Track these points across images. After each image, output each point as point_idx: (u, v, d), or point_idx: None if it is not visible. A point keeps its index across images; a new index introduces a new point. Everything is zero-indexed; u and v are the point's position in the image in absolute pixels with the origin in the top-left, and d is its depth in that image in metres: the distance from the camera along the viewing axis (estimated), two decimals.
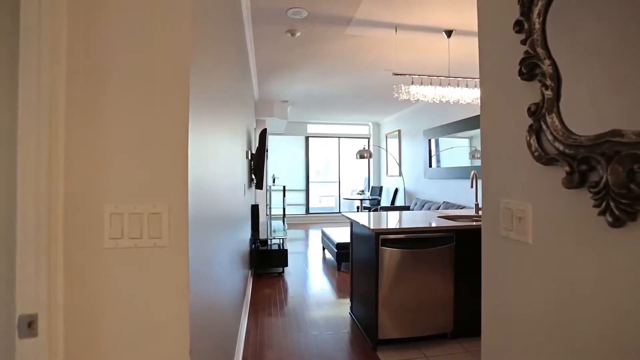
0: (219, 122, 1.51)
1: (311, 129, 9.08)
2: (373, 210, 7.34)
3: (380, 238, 2.31)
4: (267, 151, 8.00)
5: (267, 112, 6.49)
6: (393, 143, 8.12)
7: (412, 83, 3.04)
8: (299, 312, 3.08)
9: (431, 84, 3.06)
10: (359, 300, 2.79)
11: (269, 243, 4.65)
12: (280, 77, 4.94)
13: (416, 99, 3.03)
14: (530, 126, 0.83)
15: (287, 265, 4.18)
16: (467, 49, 3.68)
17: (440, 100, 3.09)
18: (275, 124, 7.33)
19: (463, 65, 4.05)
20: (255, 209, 4.57)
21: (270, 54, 3.99)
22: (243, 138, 3.18)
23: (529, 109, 0.83)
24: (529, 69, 0.83)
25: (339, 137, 9.23)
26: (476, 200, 3.07)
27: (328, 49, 3.78)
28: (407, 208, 6.56)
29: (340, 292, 3.66)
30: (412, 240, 2.35)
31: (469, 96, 3.16)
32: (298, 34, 3.20)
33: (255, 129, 6.22)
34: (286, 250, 4.18)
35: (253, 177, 4.16)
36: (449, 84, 3.12)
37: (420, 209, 6.00)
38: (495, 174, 1.01)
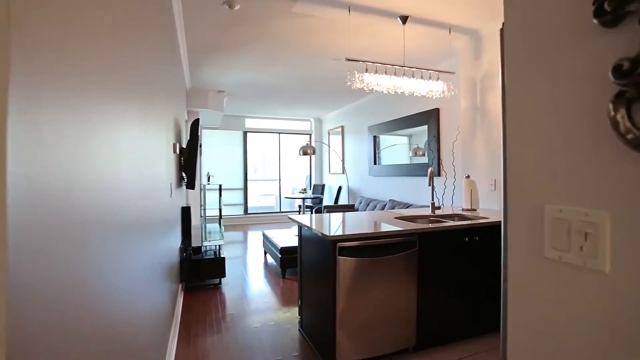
0: (125, 108, 1.04)
1: (250, 123, 8.51)
2: (316, 210, 7.07)
3: (337, 246, 1.98)
4: (200, 146, 7.28)
5: (201, 103, 5.82)
6: (336, 140, 7.93)
7: (367, 71, 2.77)
8: (240, 333, 2.63)
9: (386, 73, 2.82)
10: (311, 315, 2.44)
11: (204, 250, 4.08)
12: (215, 62, 4.37)
13: (371, 88, 2.77)
14: (619, 94, 0.54)
15: (224, 276, 3.68)
16: (422, 40, 3.54)
17: (395, 92, 2.88)
18: (210, 117, 6.66)
19: (418, 56, 3.92)
20: (186, 211, 3.97)
21: (203, 33, 3.44)
22: (169, 130, 2.63)
23: (617, 67, 0.54)
24: (616, 4, 0.54)
25: (279, 133, 8.80)
26: (432, 199, 2.91)
27: (271, 29, 3.36)
28: (351, 207, 6.39)
29: (286, 302, 3.28)
30: (373, 247, 2.07)
31: (425, 88, 2.99)
32: (237, 7, 2.74)
33: (186, 121, 5.52)
34: (223, 258, 3.67)
35: (184, 175, 3.58)
36: (404, 74, 2.92)
37: (366, 208, 5.86)
38: (533, 170, 0.71)
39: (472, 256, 2.43)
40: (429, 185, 2.78)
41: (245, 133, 8.48)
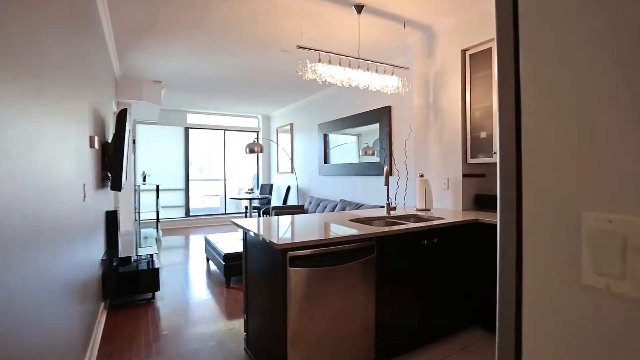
0: None
1: (192, 119, 7.90)
2: (264, 211, 6.73)
3: (288, 256, 1.73)
4: (134, 142, 6.56)
5: (134, 94, 5.20)
6: (285, 138, 7.65)
7: (320, 61, 2.55)
8: (175, 358, 2.26)
9: (340, 65, 2.62)
10: (258, 332, 2.15)
11: (135, 260, 3.58)
12: (148, 47, 3.87)
13: (324, 79, 2.56)
14: None
15: (158, 289, 3.23)
16: (377, 33, 3.40)
17: (349, 85, 2.69)
18: (146, 110, 6.01)
19: (373, 50, 3.78)
20: (112, 217, 3.44)
21: (131, 9, 2.97)
22: (84, 122, 2.18)
23: None
24: None
25: (224, 130, 8.29)
26: (387, 199, 2.77)
27: (212, 12, 3.00)
28: (301, 207, 6.17)
29: (231, 315, 2.95)
30: (328, 255, 1.84)
31: (379, 82, 2.85)
32: None
33: (115, 113, 4.88)
34: (156, 269, 3.22)
35: (109, 174, 3.08)
36: (358, 67, 2.75)
37: (316, 209, 5.67)
38: (564, 164, 0.52)
39: (431, 259, 2.32)
40: (385, 184, 2.64)
41: (186, 129, 7.85)
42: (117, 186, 2.90)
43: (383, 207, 4.21)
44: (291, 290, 1.75)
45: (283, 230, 2.08)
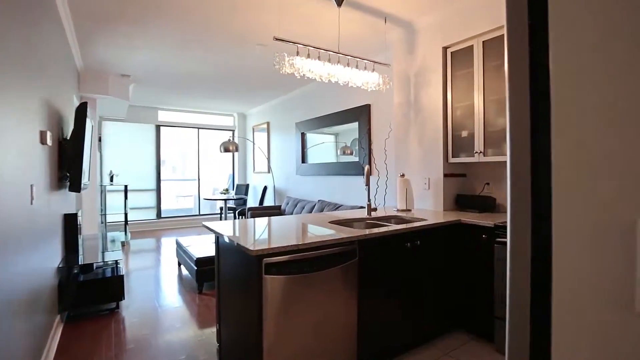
0: None
1: (164, 116, 7.56)
2: (240, 212, 6.52)
3: (264, 263, 1.58)
4: (100, 140, 6.18)
5: (99, 88, 4.86)
6: (261, 137, 7.45)
7: (298, 54, 2.41)
8: None
9: (319, 59, 2.50)
10: (232, 343, 1.99)
11: (100, 266, 3.32)
12: (115, 38, 3.60)
13: (302, 74, 2.42)
14: None
15: (123, 298, 2.99)
16: (358, 28, 3.30)
17: (329, 80, 2.57)
18: (112, 106, 5.66)
19: (354, 46, 3.68)
20: (71, 220, 3.16)
21: None
22: (31, 115, 1.95)
23: None
24: None
25: (198, 128, 7.99)
26: (368, 200, 2.67)
27: (187, 2, 2.80)
28: (277, 208, 6.00)
29: (203, 324, 2.76)
30: (308, 261, 1.71)
31: (360, 79, 2.74)
32: None
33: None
34: (121, 276, 2.98)
35: (67, 173, 2.81)
36: (338, 62, 2.63)
37: (293, 209, 5.52)
38: (614, 166, 0.42)
39: (415, 262, 2.23)
40: (366, 184, 2.53)
41: (158, 127, 7.50)
42: (76, 187, 2.65)
43: (363, 207, 4.12)
44: (267, 300, 1.60)
45: (258, 233, 1.93)
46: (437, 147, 3.00)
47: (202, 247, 3.81)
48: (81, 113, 2.69)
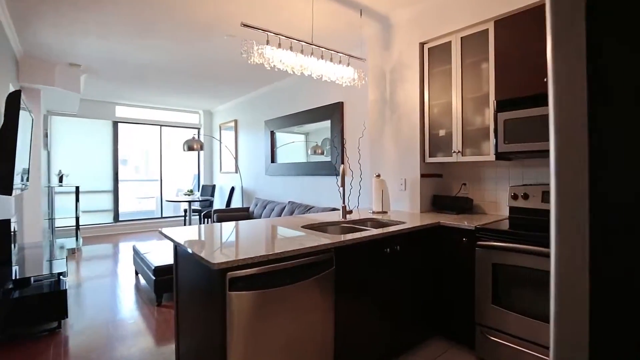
0: None
1: (122, 112, 7.02)
2: (205, 215, 6.17)
3: (228, 278, 1.36)
4: (46, 136, 5.59)
5: (44, 78, 4.37)
6: (229, 135, 7.11)
7: (268, 43, 2.19)
8: None
9: (291, 49, 2.29)
10: None
11: (42, 279, 2.91)
12: (58, 19, 3.19)
13: (272, 64, 2.20)
14: None
15: (65, 316, 2.62)
16: (332, 21, 3.12)
17: (302, 72, 2.37)
18: (61, 99, 5.13)
19: (328, 40, 3.49)
20: (4, 227, 2.75)
21: None
22: None
23: None
24: None
25: (160, 125, 7.50)
26: (343, 202, 2.50)
27: None
28: (246, 210, 5.72)
29: (161, 340, 2.47)
30: (279, 273, 1.50)
31: (334, 72, 2.56)
32: None
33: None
34: (63, 291, 2.61)
35: None
36: (312, 54, 2.44)
37: (262, 211, 5.27)
38: None
39: (394, 268, 2.08)
40: (341, 185, 2.36)
41: (115, 123, 6.95)
42: (6, 188, 2.27)
43: (336, 209, 3.95)
44: (233, 320, 1.38)
45: (223, 241, 1.69)
46: (413, 146, 2.89)
47: (162, 253, 3.48)
48: (13, 103, 2.32)
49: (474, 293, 2.20)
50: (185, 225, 6.84)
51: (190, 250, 1.49)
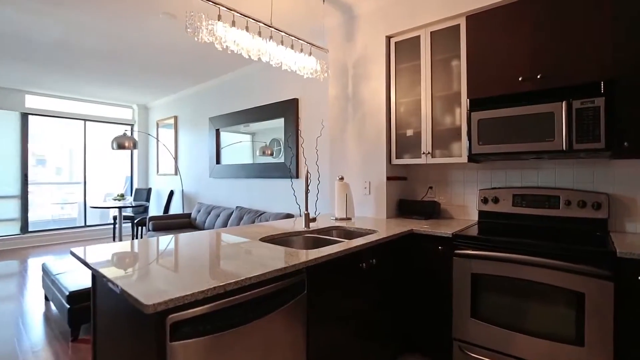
0: None
1: (34, 102, 5.96)
2: (139, 222, 5.45)
3: (169, 323, 0.97)
4: None
5: None
6: (167, 133, 6.41)
7: (220, 19, 1.81)
8: None
9: (248, 30, 1.92)
10: None
11: None
12: None
13: (224, 45, 1.82)
14: None
15: None
16: (293, 5, 2.78)
17: (259, 58, 2.01)
18: None
19: (286, 29, 3.13)
20: None
21: None
22: None
23: None
24: None
25: (85, 120, 6.53)
26: (306, 209, 2.18)
27: None
28: (187, 216, 5.14)
29: None
30: (238, 309, 1.14)
31: (296, 61, 2.24)
32: None
33: None
34: None
35: None
36: (271, 37, 2.09)
37: (206, 218, 4.75)
38: None
39: (370, 285, 1.82)
40: (306, 190, 2.04)
41: (25, 115, 5.88)
42: None
43: (291, 215, 3.63)
44: None
45: (160, 264, 1.28)
46: (379, 146, 2.67)
47: (81, 274, 2.86)
48: None
49: (451, 306, 2.02)
50: (114, 235, 6.00)
51: (118, 289, 1.07)
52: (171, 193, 6.02)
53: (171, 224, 4.90)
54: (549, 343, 1.70)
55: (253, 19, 1.98)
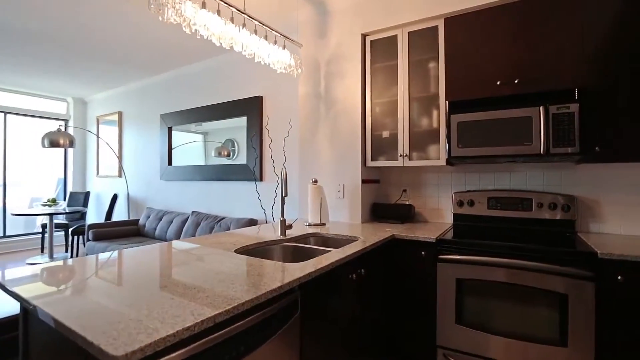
0: None
1: None
2: (75, 231, 4.83)
3: None
4: None
5: None
6: (110, 131, 5.78)
7: None
8: None
9: (220, 15, 1.70)
10: None
11: None
12: None
13: (194, 29, 1.58)
14: None
15: None
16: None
17: (231, 46, 1.79)
18: None
19: (260, 17, 2.91)
20: None
21: None
22: None
23: None
24: None
25: (5, 113, 5.67)
26: (282, 215, 1.99)
27: None
28: (134, 223, 4.65)
29: None
30: (219, 348, 0.94)
31: (270, 53, 2.05)
32: None
33: None
34: None
35: None
36: (244, 25, 1.88)
37: (157, 224, 4.33)
38: None
39: (360, 297, 1.68)
40: (283, 194, 1.86)
41: None
42: None
43: (254, 220, 3.41)
44: None
45: (110, 295, 1.03)
46: (353, 148, 2.57)
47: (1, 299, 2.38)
48: None
49: (435, 312, 1.96)
50: (42, 246, 5.26)
51: (58, 327, 0.81)
52: (114, 197, 5.43)
53: (115, 232, 4.39)
54: (534, 345, 1.70)
55: (225, 3, 1.76)
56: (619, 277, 1.56)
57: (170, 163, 4.67)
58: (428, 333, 1.99)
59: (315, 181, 2.49)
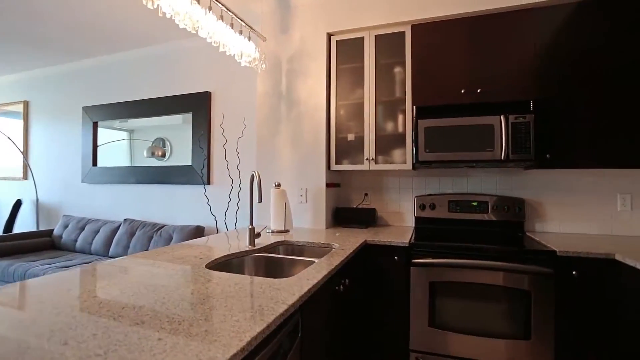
0: None
1: None
2: None
3: None
4: None
5: None
6: (12, 124, 4.85)
7: None
8: None
9: None
10: None
11: None
12: None
13: (156, 4, 1.34)
14: None
15: None
16: None
17: (196, 31, 1.56)
18: None
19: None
20: None
21: None
22: None
23: None
24: None
25: None
26: (251, 223, 1.81)
27: None
28: (48, 234, 3.95)
29: None
30: None
31: (236, 44, 1.85)
32: None
33: None
34: None
35: None
36: (210, 8, 1.66)
37: (78, 235, 3.74)
38: None
39: (345, 308, 1.59)
40: (259, 200, 1.69)
41: None
42: None
43: (201, 227, 3.12)
44: None
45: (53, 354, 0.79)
46: (318, 150, 2.48)
47: None
48: None
49: (408, 316, 1.96)
50: None
51: None
52: (18, 203, 4.55)
53: (20, 246, 3.66)
54: (502, 341, 1.78)
55: None
56: (574, 273, 1.71)
57: (95, 163, 4.06)
58: (401, 338, 1.98)
59: (279, 185, 2.34)
